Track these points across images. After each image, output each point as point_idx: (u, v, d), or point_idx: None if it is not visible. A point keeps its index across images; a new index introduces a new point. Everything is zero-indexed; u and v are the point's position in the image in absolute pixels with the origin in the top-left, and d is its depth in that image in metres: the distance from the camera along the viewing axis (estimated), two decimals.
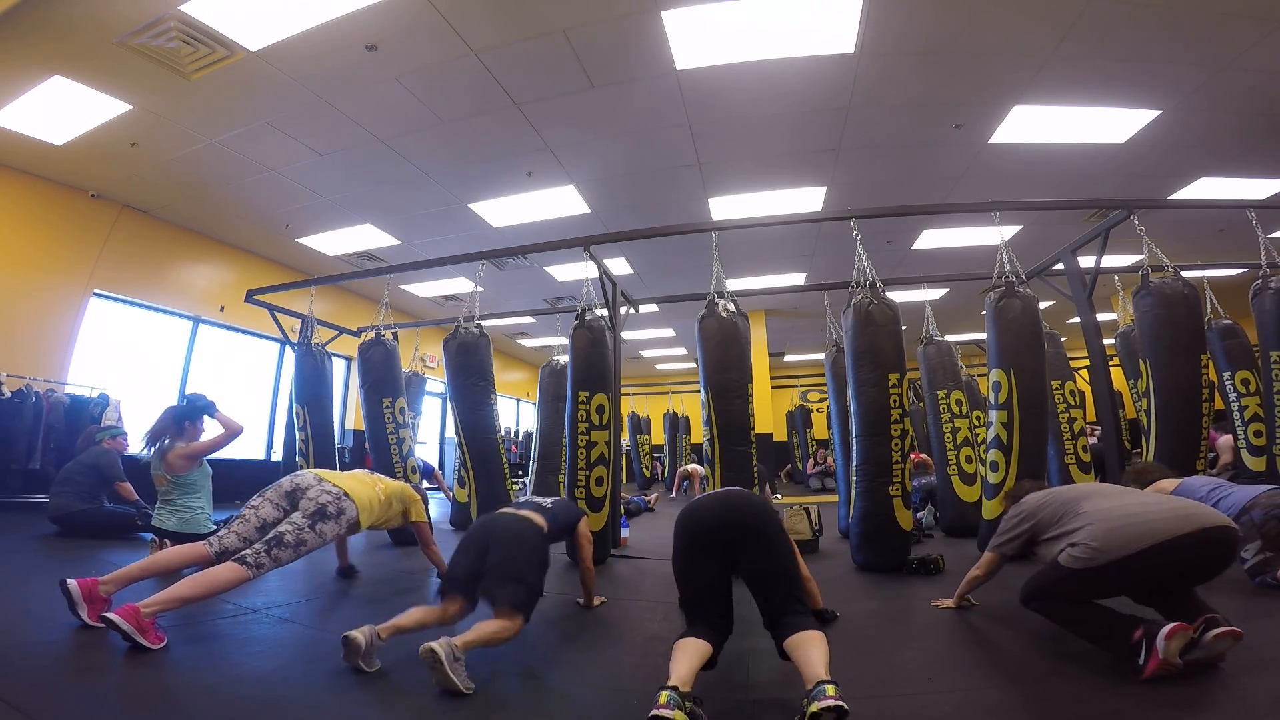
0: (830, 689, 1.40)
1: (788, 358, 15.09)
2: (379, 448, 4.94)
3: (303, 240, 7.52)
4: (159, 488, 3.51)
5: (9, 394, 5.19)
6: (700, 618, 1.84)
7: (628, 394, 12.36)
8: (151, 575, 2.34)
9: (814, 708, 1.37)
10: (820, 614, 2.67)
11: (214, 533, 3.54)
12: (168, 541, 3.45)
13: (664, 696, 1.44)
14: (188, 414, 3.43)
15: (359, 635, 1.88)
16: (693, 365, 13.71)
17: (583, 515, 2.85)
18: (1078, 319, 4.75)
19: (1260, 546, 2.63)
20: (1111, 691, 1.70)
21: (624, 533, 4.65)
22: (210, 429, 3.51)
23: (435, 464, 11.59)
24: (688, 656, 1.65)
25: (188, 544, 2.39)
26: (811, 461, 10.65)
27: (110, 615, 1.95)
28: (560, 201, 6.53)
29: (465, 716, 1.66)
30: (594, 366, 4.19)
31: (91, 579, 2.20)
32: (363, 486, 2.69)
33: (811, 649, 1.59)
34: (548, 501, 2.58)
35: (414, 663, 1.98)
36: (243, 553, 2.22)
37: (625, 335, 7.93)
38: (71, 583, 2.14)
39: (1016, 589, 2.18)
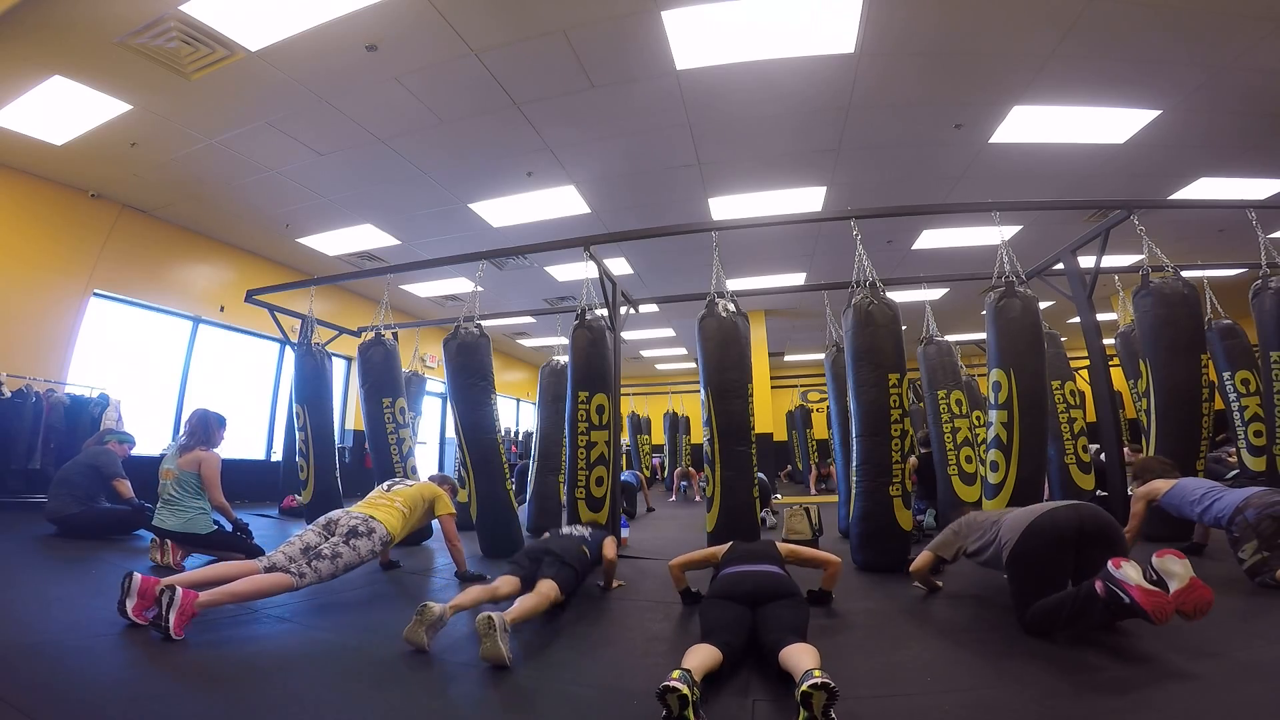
0: (817, 672, 1.50)
1: (788, 358, 15.09)
2: (379, 448, 4.94)
3: (303, 240, 7.52)
4: (164, 481, 3.51)
5: (9, 394, 5.19)
6: (719, 637, 1.92)
7: (628, 394, 12.35)
8: (211, 582, 2.42)
9: (804, 686, 1.46)
10: (820, 594, 2.77)
11: (215, 533, 3.58)
12: (169, 542, 3.46)
13: (677, 673, 1.51)
14: (221, 423, 3.78)
15: (436, 606, 2.10)
16: (693, 365, 13.71)
17: (608, 535, 3.32)
18: (1078, 319, 4.75)
19: (1256, 546, 2.64)
20: (1111, 692, 1.70)
21: (624, 533, 4.65)
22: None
23: (436, 465, 11.62)
24: (701, 655, 1.74)
25: (243, 561, 2.62)
26: (815, 474, 10.46)
27: (170, 583, 2.17)
28: (560, 201, 6.52)
29: (465, 715, 1.66)
30: (594, 366, 4.19)
31: (153, 579, 2.28)
32: (383, 510, 3.03)
33: (803, 653, 1.69)
34: (587, 532, 3.18)
35: (412, 660, 1.99)
36: (289, 566, 2.55)
37: (625, 335, 7.93)
38: (178, 591, 2.17)
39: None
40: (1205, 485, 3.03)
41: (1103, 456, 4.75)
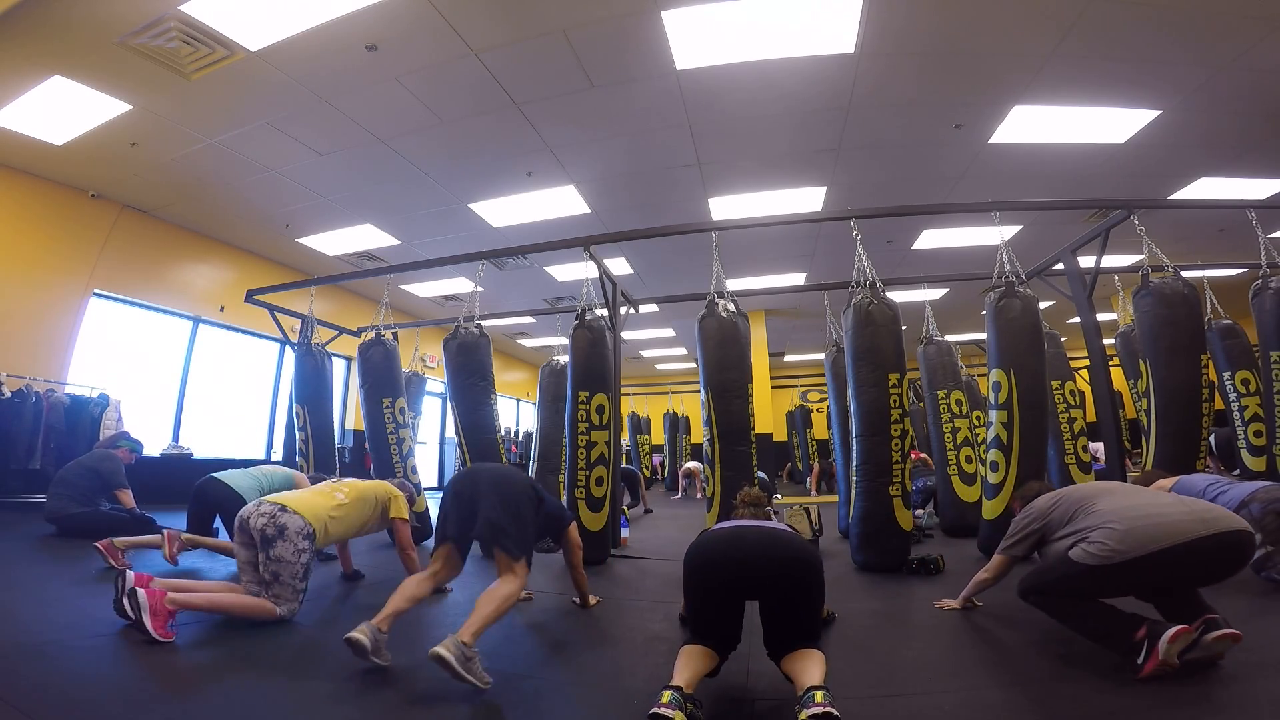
0: (819, 695, 1.41)
1: (788, 358, 15.08)
2: (379, 448, 4.93)
3: (303, 240, 7.52)
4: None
5: (9, 394, 5.18)
6: (711, 637, 1.77)
7: (628, 394, 12.35)
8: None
9: (803, 715, 1.38)
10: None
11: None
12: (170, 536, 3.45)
13: (667, 695, 1.45)
14: None
15: (360, 635, 1.85)
16: (693, 365, 13.71)
17: (572, 519, 2.81)
18: (1078, 319, 4.75)
19: (1261, 540, 2.63)
20: (1111, 692, 1.70)
21: (624, 533, 4.65)
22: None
23: (436, 465, 11.62)
24: (693, 662, 1.65)
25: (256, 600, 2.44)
26: (815, 472, 10.36)
27: (136, 588, 2.07)
28: (560, 201, 6.52)
29: (464, 716, 1.66)
30: (594, 366, 4.19)
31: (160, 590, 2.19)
32: (314, 496, 2.67)
33: (809, 661, 1.60)
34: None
35: (411, 658, 1.98)
36: (263, 592, 2.42)
37: (625, 335, 7.92)
38: (141, 593, 2.13)
39: (1016, 588, 2.18)
40: (1208, 479, 3.01)
41: (1102, 461, 4.75)
